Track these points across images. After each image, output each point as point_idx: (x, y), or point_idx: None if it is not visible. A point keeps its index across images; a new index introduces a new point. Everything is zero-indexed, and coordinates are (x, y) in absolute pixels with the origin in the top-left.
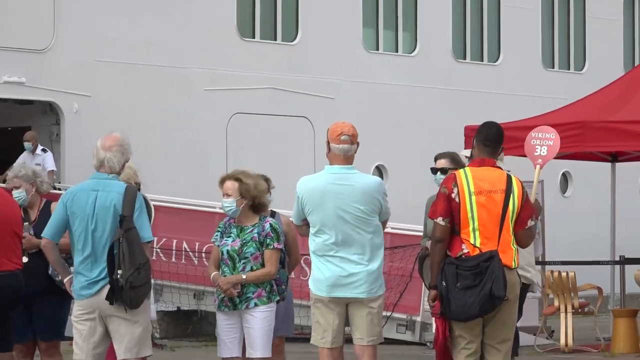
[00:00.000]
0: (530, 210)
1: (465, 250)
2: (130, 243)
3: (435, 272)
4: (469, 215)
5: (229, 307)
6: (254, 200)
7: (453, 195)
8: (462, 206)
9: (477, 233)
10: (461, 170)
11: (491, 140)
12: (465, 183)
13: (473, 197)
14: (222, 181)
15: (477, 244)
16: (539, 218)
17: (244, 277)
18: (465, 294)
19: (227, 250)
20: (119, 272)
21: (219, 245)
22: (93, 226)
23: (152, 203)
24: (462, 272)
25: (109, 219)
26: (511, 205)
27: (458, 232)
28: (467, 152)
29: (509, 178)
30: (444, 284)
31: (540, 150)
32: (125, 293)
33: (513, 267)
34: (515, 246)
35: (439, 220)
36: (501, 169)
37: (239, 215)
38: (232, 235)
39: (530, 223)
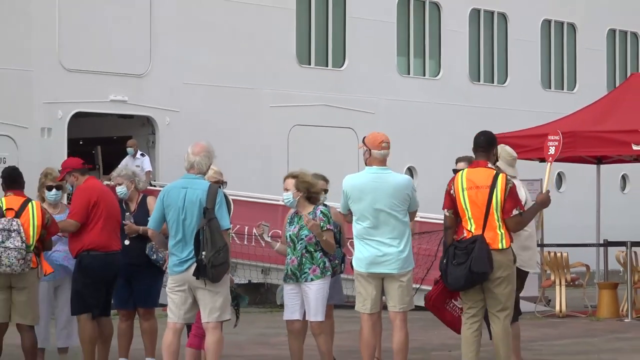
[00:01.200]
0: (514, 201)
1: (464, 235)
2: (212, 230)
3: (443, 251)
4: (464, 206)
5: (292, 279)
6: (308, 192)
7: (452, 192)
8: (457, 200)
9: (471, 221)
10: (460, 172)
11: (481, 146)
12: (459, 181)
13: (465, 192)
14: (284, 179)
15: (472, 230)
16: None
17: None
18: (457, 269)
19: (289, 235)
20: (203, 253)
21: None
22: (183, 216)
23: (230, 198)
24: (457, 252)
25: (196, 211)
26: (494, 198)
27: (460, 221)
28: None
29: (495, 176)
30: (445, 261)
31: (550, 150)
32: (208, 270)
33: (500, 248)
34: (502, 230)
35: (445, 211)
36: (492, 169)
37: (297, 205)
38: (294, 222)
39: (514, 212)
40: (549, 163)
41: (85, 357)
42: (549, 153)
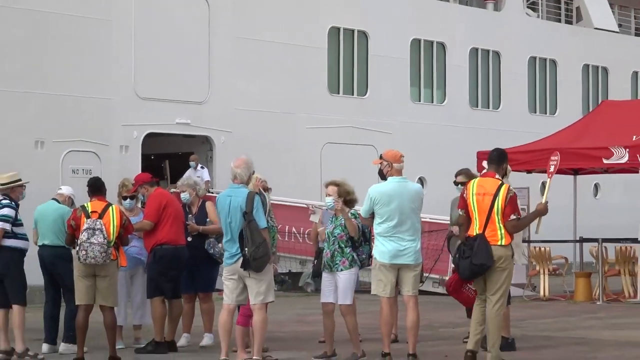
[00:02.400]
0: (513, 208)
1: (473, 233)
2: (251, 230)
3: (455, 246)
4: (472, 208)
5: (327, 269)
6: (346, 197)
7: (465, 195)
8: (468, 202)
9: (477, 221)
10: (474, 179)
11: (492, 160)
12: (471, 187)
13: (474, 197)
14: (326, 186)
15: (477, 229)
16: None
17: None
18: (464, 262)
19: (327, 232)
20: (246, 249)
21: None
22: (229, 219)
23: (272, 201)
24: (464, 248)
25: (238, 215)
26: (496, 204)
27: (471, 220)
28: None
29: (500, 185)
30: (457, 255)
31: (550, 168)
32: (251, 262)
33: (500, 244)
34: (502, 230)
35: (460, 211)
36: (499, 179)
37: (339, 209)
38: (332, 222)
39: (512, 217)
40: (549, 178)
41: (156, 332)
42: (550, 170)
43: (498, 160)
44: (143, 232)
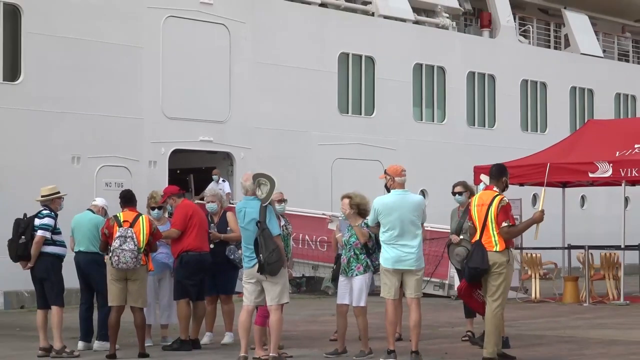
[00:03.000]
0: (505, 216)
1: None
2: (264, 237)
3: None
4: (475, 218)
5: (344, 273)
6: (359, 208)
7: (470, 208)
8: (471, 214)
9: (478, 230)
10: (477, 194)
11: (492, 175)
12: (474, 200)
13: (475, 208)
14: (342, 199)
15: (478, 236)
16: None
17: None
18: (465, 266)
19: (344, 240)
20: (261, 255)
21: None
22: (245, 229)
23: (286, 210)
24: (468, 254)
25: (252, 224)
26: (490, 213)
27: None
28: (486, 179)
29: (494, 197)
30: (465, 260)
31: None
32: (266, 267)
33: (495, 250)
34: (496, 237)
35: (469, 222)
36: (495, 192)
37: (349, 218)
38: (348, 230)
39: (503, 224)
40: (544, 189)
41: (181, 331)
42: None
43: (496, 174)
44: (170, 239)
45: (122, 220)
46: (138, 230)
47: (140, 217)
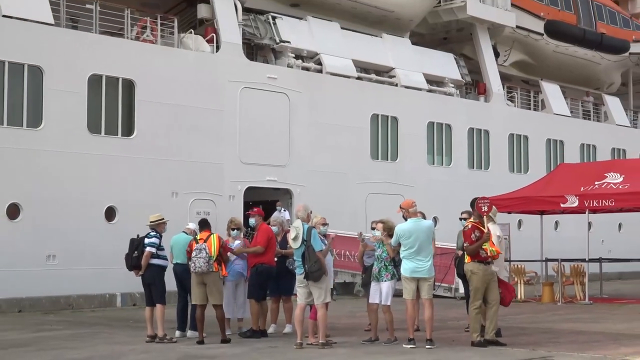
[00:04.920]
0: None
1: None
2: (309, 252)
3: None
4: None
5: (375, 279)
6: (389, 232)
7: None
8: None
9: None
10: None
11: (471, 205)
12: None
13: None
14: (376, 223)
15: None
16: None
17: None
18: None
19: (376, 254)
20: (306, 265)
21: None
22: (298, 246)
23: (328, 232)
24: None
25: (301, 242)
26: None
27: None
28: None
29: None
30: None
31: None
32: (310, 275)
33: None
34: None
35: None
36: (470, 220)
37: (383, 238)
38: (379, 247)
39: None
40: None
41: (253, 323)
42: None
43: (471, 206)
44: (248, 253)
45: (198, 238)
46: (209, 244)
47: (212, 235)
